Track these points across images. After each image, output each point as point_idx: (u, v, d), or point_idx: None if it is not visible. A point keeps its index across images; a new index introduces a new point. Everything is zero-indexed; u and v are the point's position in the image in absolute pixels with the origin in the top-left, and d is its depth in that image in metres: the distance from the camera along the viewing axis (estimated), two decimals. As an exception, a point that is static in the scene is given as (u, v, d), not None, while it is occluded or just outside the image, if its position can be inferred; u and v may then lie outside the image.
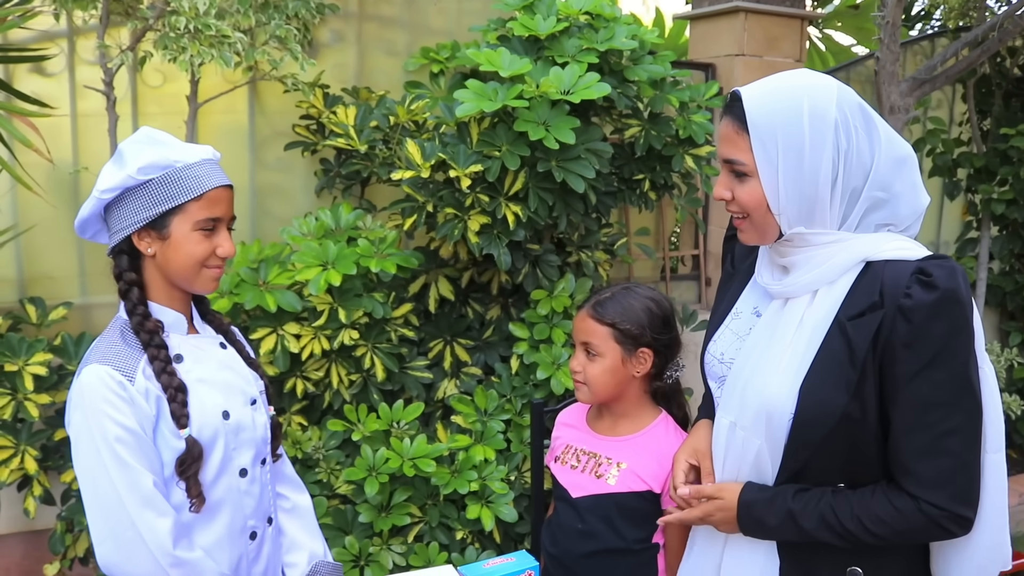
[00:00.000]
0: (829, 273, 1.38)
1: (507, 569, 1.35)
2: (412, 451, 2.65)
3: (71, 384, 1.54)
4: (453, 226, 2.70)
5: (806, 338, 1.39)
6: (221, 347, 1.71)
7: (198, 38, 2.53)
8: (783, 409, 1.38)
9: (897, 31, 3.72)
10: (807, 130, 1.34)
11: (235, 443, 1.63)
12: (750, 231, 1.46)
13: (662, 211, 4.06)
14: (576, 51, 2.74)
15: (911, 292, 1.32)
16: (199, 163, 1.55)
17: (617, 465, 1.83)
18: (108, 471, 1.45)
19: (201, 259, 1.56)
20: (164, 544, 1.46)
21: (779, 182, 1.37)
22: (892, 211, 1.41)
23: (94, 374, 1.48)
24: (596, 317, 1.82)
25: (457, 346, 3.07)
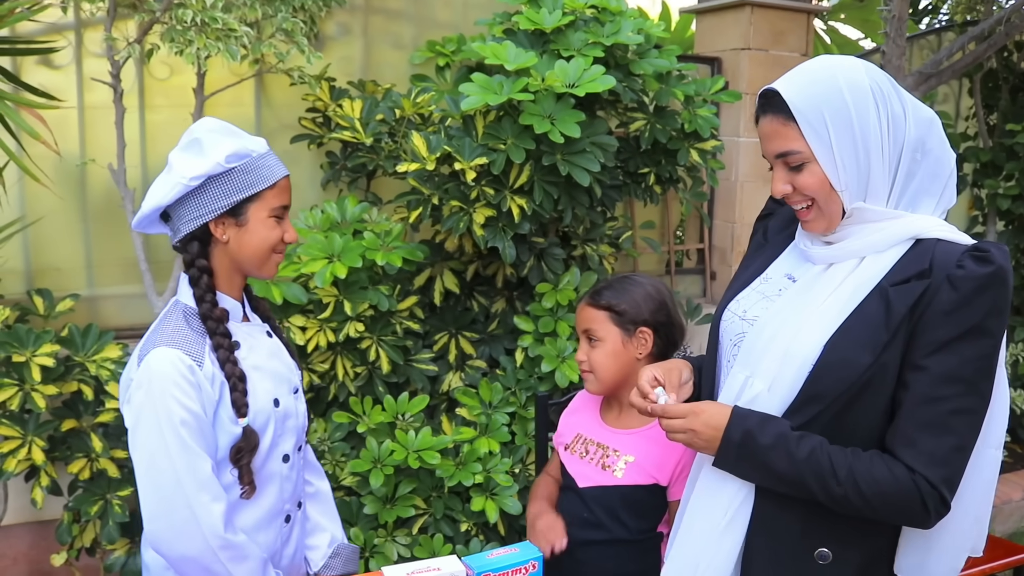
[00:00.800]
0: (880, 242, 1.42)
1: (511, 559, 1.36)
2: (417, 443, 2.66)
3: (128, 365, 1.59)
4: (458, 219, 2.70)
5: (844, 299, 1.41)
6: (268, 336, 1.76)
7: (205, 31, 2.54)
8: (804, 360, 1.39)
9: (903, 25, 3.71)
10: (850, 102, 1.39)
11: (282, 430, 1.68)
12: (818, 218, 1.47)
13: (667, 205, 4.06)
14: (582, 45, 2.74)
15: (964, 264, 1.34)
16: (267, 153, 1.62)
17: (624, 458, 1.84)
18: (169, 452, 1.49)
19: (273, 244, 1.63)
20: (216, 526, 1.50)
21: (836, 158, 1.41)
22: (930, 168, 1.44)
23: (164, 357, 1.51)
24: (593, 303, 1.87)
25: (462, 339, 3.08)
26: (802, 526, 1.43)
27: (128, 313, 3.12)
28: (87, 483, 2.68)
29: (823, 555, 1.43)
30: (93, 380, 2.67)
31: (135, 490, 2.64)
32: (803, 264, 1.54)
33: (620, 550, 1.83)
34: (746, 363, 1.49)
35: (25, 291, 2.90)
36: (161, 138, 3.12)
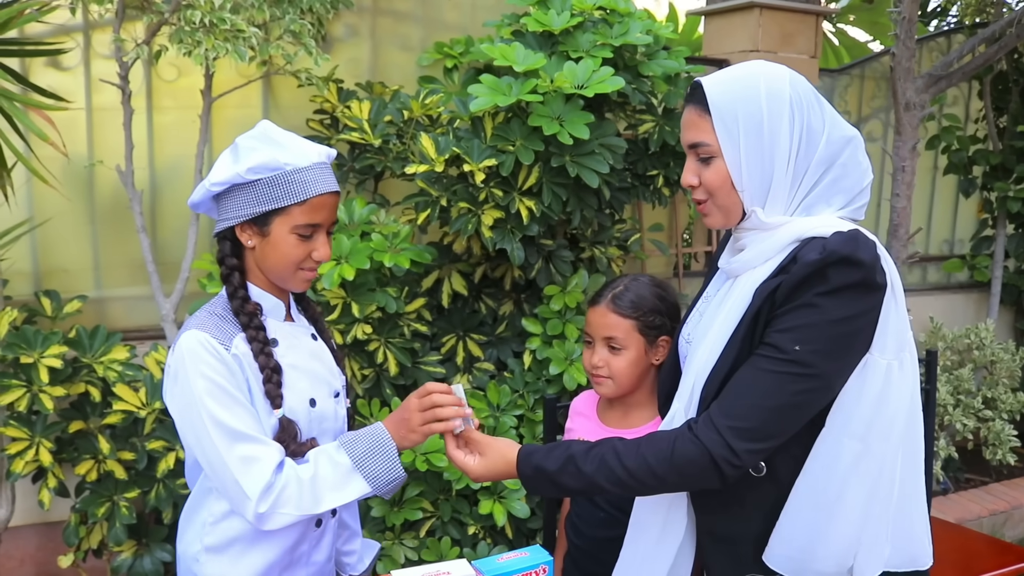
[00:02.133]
0: (768, 250, 1.44)
1: (521, 564, 1.35)
2: (424, 446, 2.65)
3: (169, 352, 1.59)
4: (467, 220, 2.69)
5: (732, 309, 1.45)
6: (312, 338, 1.75)
7: (213, 32, 2.54)
8: (702, 372, 1.46)
9: (913, 27, 3.70)
10: (765, 107, 1.42)
11: (318, 431, 1.67)
12: (715, 213, 1.50)
13: (675, 207, 4.05)
14: (590, 46, 2.73)
15: (803, 251, 1.38)
16: (309, 167, 1.56)
17: None
18: (207, 430, 1.50)
19: (296, 261, 1.59)
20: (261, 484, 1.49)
21: (741, 158, 1.43)
22: (837, 184, 1.46)
23: (192, 338, 1.53)
24: (618, 311, 1.83)
25: (470, 341, 3.07)
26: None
27: (136, 315, 3.12)
28: (94, 485, 2.68)
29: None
30: (100, 381, 2.67)
31: (142, 492, 2.66)
32: (723, 280, 1.58)
33: None
34: (681, 394, 1.53)
35: (33, 292, 2.90)
36: (169, 140, 3.12)
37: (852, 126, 1.51)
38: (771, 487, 1.44)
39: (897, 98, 3.77)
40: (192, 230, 2.88)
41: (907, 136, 3.81)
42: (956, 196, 5.14)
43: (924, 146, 4.76)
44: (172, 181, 3.12)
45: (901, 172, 3.83)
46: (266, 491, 1.48)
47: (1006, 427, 4.25)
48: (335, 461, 1.54)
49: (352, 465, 1.54)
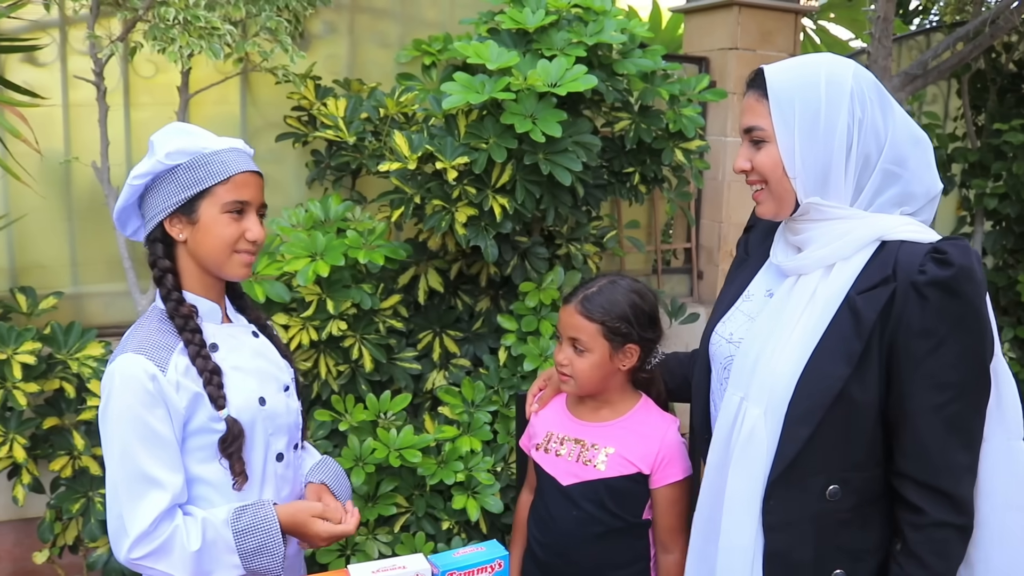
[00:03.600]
0: (844, 249, 1.41)
1: (477, 558, 1.37)
2: (399, 442, 2.67)
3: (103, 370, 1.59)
4: (440, 218, 2.71)
5: (818, 312, 1.41)
6: (254, 336, 1.75)
7: (188, 29, 2.54)
8: (788, 380, 1.39)
9: (889, 26, 3.73)
10: (823, 95, 1.40)
11: (272, 428, 1.68)
12: (768, 201, 1.49)
13: (654, 205, 4.07)
14: (564, 44, 2.75)
15: (925, 268, 1.34)
16: (225, 149, 1.59)
17: (605, 451, 1.84)
18: (115, 458, 1.51)
19: (231, 242, 1.59)
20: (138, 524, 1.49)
21: (795, 144, 1.42)
22: (905, 189, 1.44)
23: (127, 364, 1.52)
24: (585, 314, 1.82)
25: (446, 337, 3.09)
26: (815, 555, 1.44)
27: (112, 311, 3.13)
28: (69, 481, 2.69)
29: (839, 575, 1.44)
30: (75, 378, 2.68)
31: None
32: (779, 278, 1.54)
33: (613, 540, 1.84)
34: (738, 385, 1.50)
35: (8, 289, 2.90)
36: (146, 136, 3.05)
37: (923, 132, 1.49)
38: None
39: (873, 96, 3.80)
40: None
41: (883, 134, 3.83)
42: (935, 193, 5.17)
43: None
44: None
45: (877, 170, 3.86)
46: (145, 536, 1.49)
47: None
48: (224, 540, 1.55)
49: (237, 553, 1.55)
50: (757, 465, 1.41)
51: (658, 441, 1.82)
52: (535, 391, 2.01)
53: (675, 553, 1.84)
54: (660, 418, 1.88)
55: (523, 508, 2.01)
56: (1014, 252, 4.96)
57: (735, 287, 1.66)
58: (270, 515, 1.57)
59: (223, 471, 1.61)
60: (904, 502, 1.40)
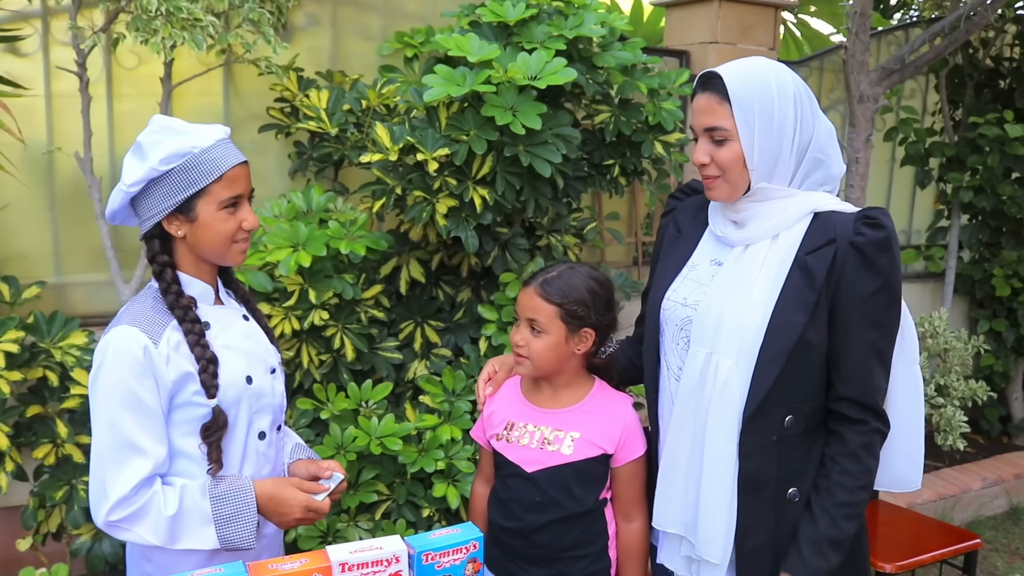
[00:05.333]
0: (787, 220, 1.70)
1: (453, 539, 1.41)
2: (380, 430, 2.70)
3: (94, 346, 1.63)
4: (421, 209, 2.74)
5: (773, 272, 1.69)
6: (244, 319, 1.81)
7: (170, 20, 2.56)
8: (757, 329, 1.66)
9: (867, 20, 3.77)
10: (775, 98, 1.67)
11: (256, 407, 1.74)
12: (722, 187, 1.73)
13: (634, 197, 4.11)
14: (544, 37, 2.78)
15: (862, 231, 1.66)
16: (214, 145, 1.63)
17: (570, 435, 1.89)
18: (103, 425, 1.58)
19: (230, 235, 1.66)
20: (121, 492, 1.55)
21: (755, 141, 1.67)
22: (827, 172, 1.76)
23: (121, 335, 1.59)
24: (544, 295, 1.87)
25: (428, 328, 3.12)
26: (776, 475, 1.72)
27: (95, 301, 3.14)
28: (53, 469, 2.71)
29: (793, 495, 1.73)
30: (58, 366, 2.70)
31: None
32: (723, 248, 1.80)
33: (574, 523, 1.90)
34: (701, 342, 1.73)
35: (-9, 278, 2.91)
36: (129, 127, 3.14)
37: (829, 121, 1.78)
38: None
39: (851, 91, 3.85)
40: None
41: (861, 128, 3.89)
42: (913, 187, 5.24)
43: (882, 138, 4.85)
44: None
45: (855, 163, 3.92)
46: (124, 500, 1.54)
47: (957, 413, 4.36)
48: (200, 509, 1.60)
49: (213, 521, 1.60)
50: (733, 406, 1.67)
51: (620, 422, 1.91)
52: (486, 377, 2.07)
53: (637, 521, 1.95)
54: (618, 399, 1.96)
55: (479, 499, 2.07)
56: (989, 246, 5.03)
57: (676, 259, 1.87)
58: (247, 484, 1.65)
59: (200, 453, 1.67)
60: (844, 418, 1.71)
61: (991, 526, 4.29)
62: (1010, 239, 4.93)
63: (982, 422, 5.08)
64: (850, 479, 1.70)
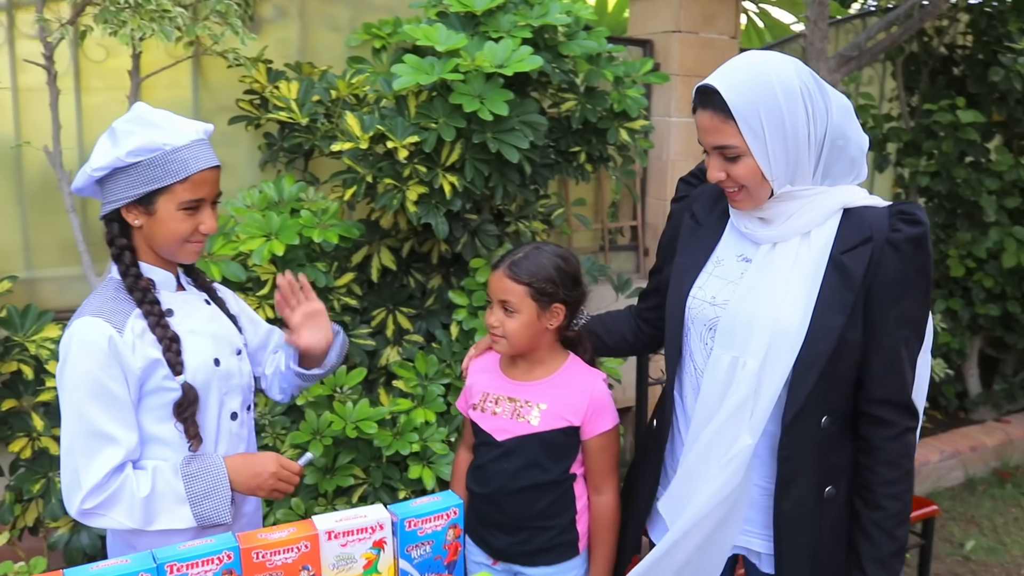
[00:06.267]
0: (817, 217, 1.64)
1: (434, 507, 1.46)
2: (355, 414, 2.74)
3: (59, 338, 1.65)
4: (392, 196, 2.78)
5: (809, 272, 1.62)
6: (206, 303, 1.84)
7: (139, 12, 2.58)
8: (796, 332, 1.61)
9: (825, 9, 3.86)
10: (782, 103, 1.57)
11: (226, 388, 1.78)
12: (746, 199, 1.67)
13: (600, 184, 4.17)
14: (511, 26, 2.83)
15: (899, 228, 1.60)
16: (188, 145, 1.65)
17: (538, 407, 1.97)
18: (71, 416, 1.61)
19: (184, 236, 1.68)
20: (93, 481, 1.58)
21: (769, 153, 1.59)
22: (849, 154, 1.67)
23: (85, 327, 1.61)
24: (513, 277, 1.94)
25: (399, 314, 3.16)
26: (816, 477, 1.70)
27: (67, 295, 3.14)
28: (29, 462, 2.72)
29: (831, 493, 1.71)
30: (33, 360, 2.71)
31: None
32: (749, 244, 1.73)
33: (542, 493, 1.97)
34: (728, 344, 1.68)
35: (-39, 273, 2.91)
36: (97, 120, 3.14)
37: (842, 95, 1.67)
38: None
39: (810, 77, 3.94)
40: (122, 209, 2.92)
41: (820, 114, 3.98)
42: (872, 172, 5.36)
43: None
44: (101, 161, 3.15)
45: (814, 148, 4.01)
46: (97, 488, 1.58)
47: (916, 390, 4.47)
48: (173, 489, 1.64)
49: (187, 499, 1.64)
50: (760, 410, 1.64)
51: (587, 395, 1.97)
52: (472, 353, 2.17)
53: (607, 494, 2.02)
54: (588, 374, 2.03)
55: (460, 466, 2.14)
56: (945, 227, 5.16)
57: (698, 253, 1.82)
58: (217, 461, 1.69)
59: (178, 431, 1.71)
60: (876, 420, 1.66)
61: (948, 496, 4.43)
62: (964, 221, 5.06)
63: (940, 398, 5.22)
64: (894, 487, 1.68)
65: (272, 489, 1.74)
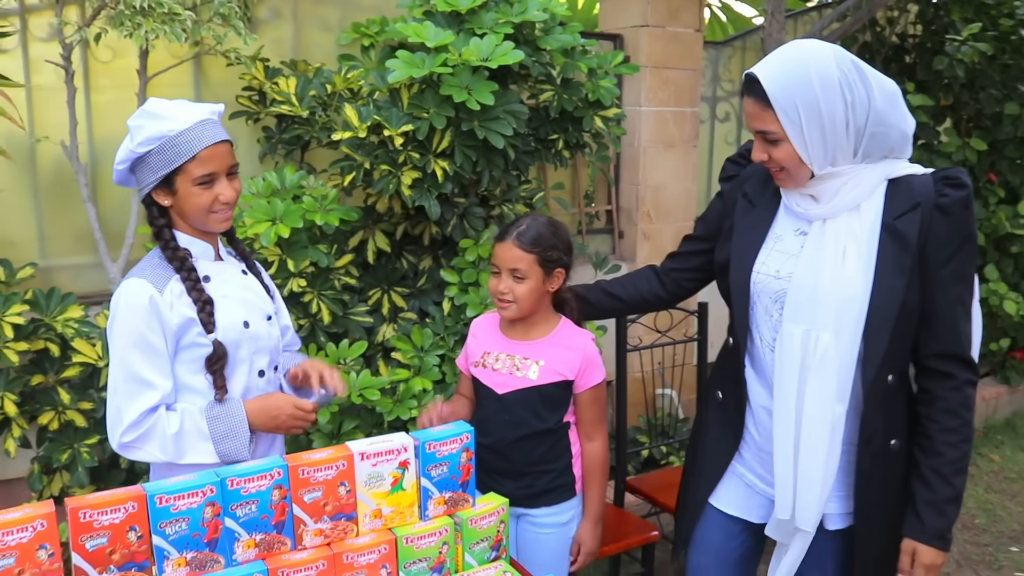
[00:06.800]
0: (865, 191, 1.75)
1: (449, 433, 1.69)
2: (359, 383, 2.98)
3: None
4: (388, 181, 3.02)
5: (865, 240, 1.74)
6: (243, 273, 2.08)
7: (151, 16, 2.79)
8: (861, 299, 1.72)
9: (782, 3, 4.14)
10: (819, 93, 1.68)
11: (255, 348, 2.01)
12: (788, 179, 1.82)
13: (577, 169, 4.43)
14: (493, 23, 3.07)
15: (946, 192, 1.73)
16: (191, 127, 1.86)
17: (536, 363, 2.21)
18: (116, 363, 1.85)
19: (206, 207, 1.90)
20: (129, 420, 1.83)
21: (806, 140, 1.72)
22: (888, 142, 1.78)
23: (130, 286, 1.86)
24: (521, 246, 2.18)
25: (394, 294, 3.40)
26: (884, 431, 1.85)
27: (83, 281, 3.34)
28: (55, 434, 2.92)
29: (896, 446, 1.86)
30: (58, 338, 2.91)
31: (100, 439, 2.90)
32: (804, 220, 1.86)
33: (541, 440, 2.23)
34: (796, 318, 1.79)
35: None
36: (105, 116, 3.34)
37: (890, 80, 1.78)
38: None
39: (769, 67, 4.21)
40: (135, 199, 3.13)
41: (780, 101, 4.26)
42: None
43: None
44: (110, 156, 3.35)
45: (775, 133, 4.29)
46: (134, 425, 1.82)
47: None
48: (199, 428, 1.88)
49: (210, 437, 1.88)
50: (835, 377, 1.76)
51: (580, 352, 2.23)
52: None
53: (597, 441, 2.28)
54: (580, 334, 2.29)
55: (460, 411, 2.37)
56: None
57: (756, 230, 1.93)
58: (238, 405, 1.92)
59: (207, 382, 1.94)
60: (937, 374, 1.80)
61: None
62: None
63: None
64: (953, 435, 1.78)
65: (289, 427, 1.98)
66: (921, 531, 1.81)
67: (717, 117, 5.18)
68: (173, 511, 1.45)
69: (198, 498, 1.47)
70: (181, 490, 1.45)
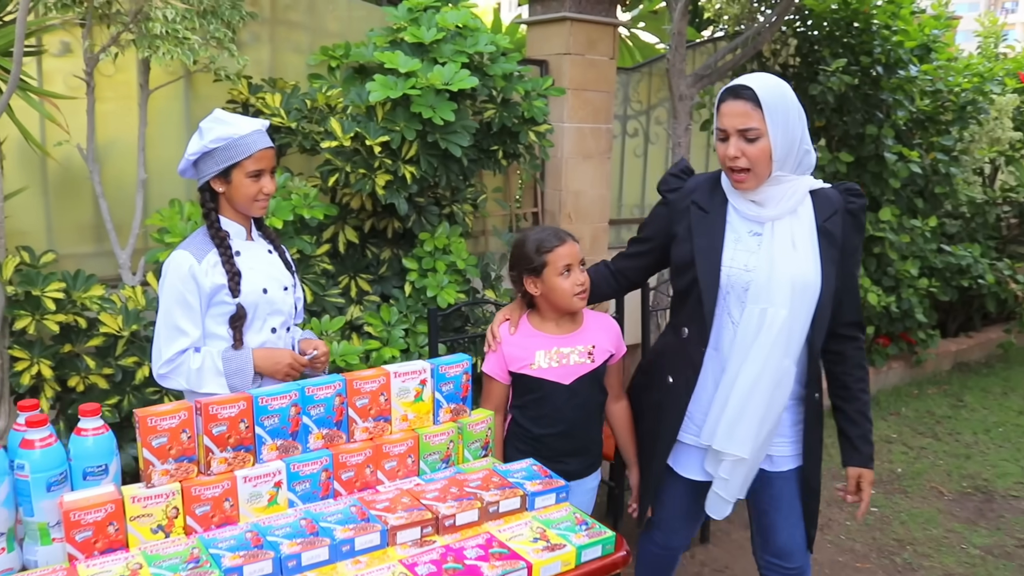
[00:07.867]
0: (798, 198, 2.20)
1: (453, 360, 2.27)
2: (340, 350, 3.57)
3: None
4: (364, 182, 3.62)
5: (808, 238, 2.18)
6: (268, 252, 2.62)
7: (167, 39, 3.33)
8: (814, 284, 2.18)
9: (682, 38, 4.89)
10: (791, 104, 2.15)
11: (270, 310, 2.56)
12: (750, 180, 2.18)
13: (509, 177, 5.09)
14: (452, 53, 3.72)
15: (852, 200, 2.24)
16: (250, 133, 2.43)
17: (588, 348, 2.53)
18: (162, 315, 2.41)
19: (253, 195, 2.47)
20: (166, 355, 2.39)
21: (779, 138, 2.12)
22: (808, 157, 2.24)
23: (177, 255, 2.42)
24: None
25: (360, 280, 3.99)
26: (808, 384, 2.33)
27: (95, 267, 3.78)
28: (81, 395, 3.40)
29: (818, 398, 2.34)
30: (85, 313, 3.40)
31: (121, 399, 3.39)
32: (754, 222, 2.25)
33: (600, 414, 2.63)
34: (758, 300, 2.19)
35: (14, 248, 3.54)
36: (109, 124, 3.82)
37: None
38: None
39: (672, 91, 4.96)
40: (139, 196, 3.64)
41: (681, 120, 5.01)
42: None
43: (699, 128, 6.02)
44: (112, 158, 3.84)
45: (677, 147, 5.04)
46: (170, 360, 2.40)
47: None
48: (215, 366, 2.44)
49: (223, 373, 2.44)
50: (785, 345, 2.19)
51: (613, 330, 2.61)
52: (501, 319, 2.59)
53: (624, 400, 2.70)
54: (602, 315, 2.65)
55: (500, 428, 2.62)
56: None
57: (714, 233, 2.28)
58: (247, 353, 2.48)
59: (229, 334, 2.50)
60: (846, 338, 2.33)
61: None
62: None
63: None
64: (863, 383, 2.33)
65: (286, 374, 2.52)
66: (860, 458, 2.35)
67: (627, 133, 5.91)
68: (270, 409, 2.03)
69: (286, 400, 2.06)
70: (275, 393, 2.04)
